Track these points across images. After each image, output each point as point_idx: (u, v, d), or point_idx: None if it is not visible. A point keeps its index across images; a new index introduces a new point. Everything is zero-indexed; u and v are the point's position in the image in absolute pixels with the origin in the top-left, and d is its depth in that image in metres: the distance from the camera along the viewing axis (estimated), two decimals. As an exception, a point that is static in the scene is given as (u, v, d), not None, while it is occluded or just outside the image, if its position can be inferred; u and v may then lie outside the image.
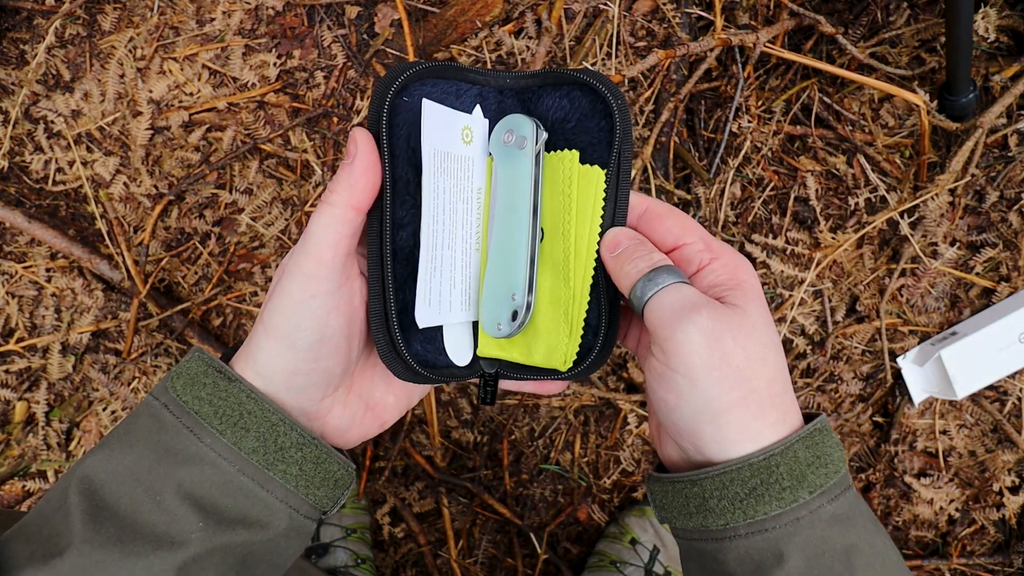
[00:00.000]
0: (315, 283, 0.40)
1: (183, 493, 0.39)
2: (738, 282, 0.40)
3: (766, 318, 0.39)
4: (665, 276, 0.40)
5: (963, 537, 0.97)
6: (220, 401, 0.40)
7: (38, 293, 0.98)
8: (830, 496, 0.36)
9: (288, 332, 0.40)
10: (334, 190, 0.41)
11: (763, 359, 0.38)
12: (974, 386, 0.90)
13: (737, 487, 0.36)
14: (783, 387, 0.39)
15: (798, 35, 0.94)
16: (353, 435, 0.46)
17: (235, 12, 0.97)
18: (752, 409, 0.37)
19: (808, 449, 0.37)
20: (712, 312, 0.38)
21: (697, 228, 0.42)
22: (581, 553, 1.00)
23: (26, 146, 0.98)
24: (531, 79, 0.45)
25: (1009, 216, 0.92)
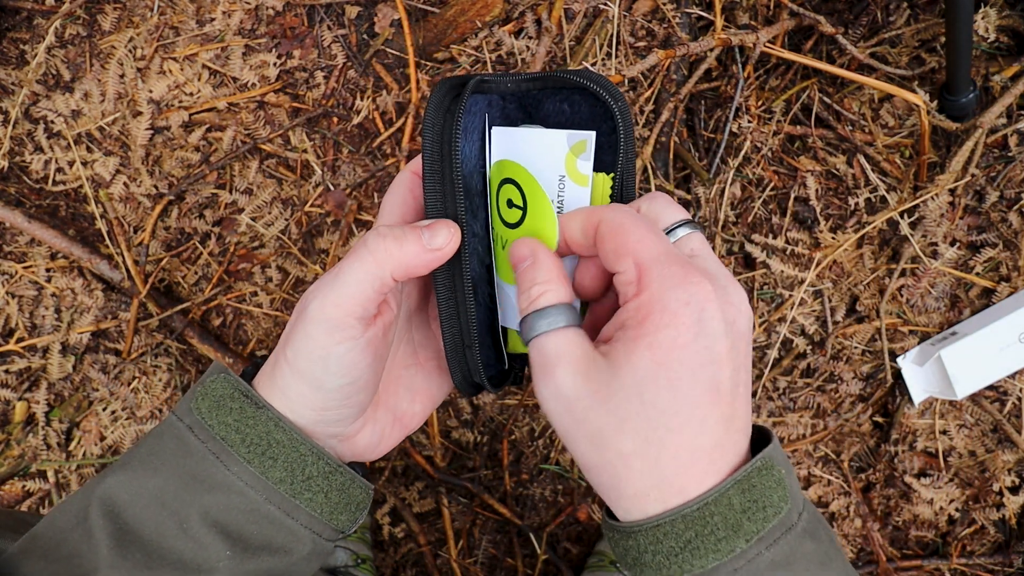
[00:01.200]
0: (342, 332, 0.38)
1: (209, 520, 0.38)
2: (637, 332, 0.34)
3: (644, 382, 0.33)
4: (541, 319, 0.36)
5: (963, 537, 0.97)
6: (247, 428, 0.39)
7: (38, 293, 0.98)
8: (768, 542, 0.34)
9: (316, 376, 0.39)
10: (389, 250, 0.38)
11: (618, 430, 0.34)
12: (974, 386, 0.90)
13: (671, 541, 0.34)
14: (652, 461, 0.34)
15: (798, 35, 0.94)
16: (383, 447, 0.46)
17: (235, 12, 0.97)
18: (607, 478, 0.35)
19: (744, 494, 0.34)
20: (571, 372, 0.35)
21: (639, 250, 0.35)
22: (581, 553, 1.00)
23: (26, 146, 0.98)
24: (531, 83, 0.44)
25: (1009, 216, 0.92)
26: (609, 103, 0.42)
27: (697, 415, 0.34)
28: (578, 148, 0.41)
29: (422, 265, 0.39)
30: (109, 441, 0.98)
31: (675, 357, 0.33)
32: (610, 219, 0.37)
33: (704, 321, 0.34)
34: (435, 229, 0.39)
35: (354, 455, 0.45)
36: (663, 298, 0.34)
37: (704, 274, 0.35)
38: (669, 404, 0.34)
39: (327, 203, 0.98)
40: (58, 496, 0.97)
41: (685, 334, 0.34)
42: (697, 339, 0.34)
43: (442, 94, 0.41)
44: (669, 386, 0.33)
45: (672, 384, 0.33)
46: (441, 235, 0.39)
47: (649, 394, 0.33)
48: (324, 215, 0.98)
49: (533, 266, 0.38)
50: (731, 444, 0.35)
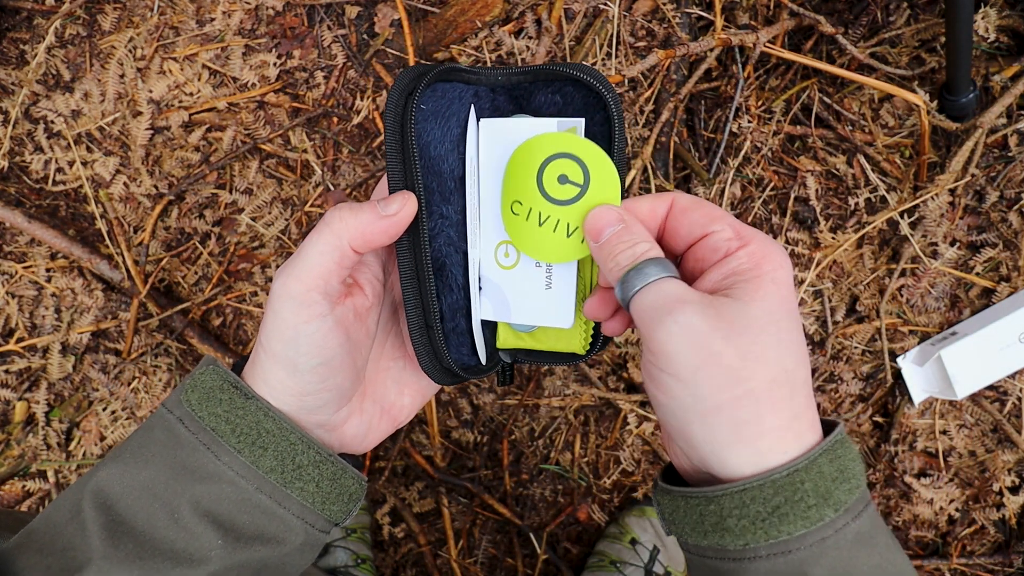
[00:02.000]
0: (306, 308, 0.39)
1: (201, 510, 0.39)
2: (758, 272, 0.36)
3: (777, 313, 0.35)
4: (649, 271, 0.37)
5: (963, 537, 0.97)
6: (237, 419, 0.39)
7: (38, 293, 0.98)
8: (854, 513, 0.34)
9: (289, 357, 0.39)
10: (344, 220, 0.39)
11: (761, 358, 0.34)
12: (974, 386, 0.90)
13: (759, 505, 0.34)
14: (790, 390, 0.35)
15: (798, 35, 0.94)
16: (371, 439, 0.46)
17: (235, 12, 0.97)
18: (745, 412, 0.34)
19: (832, 463, 0.34)
20: (699, 308, 0.35)
21: (727, 216, 0.39)
22: (581, 553, 1.00)
23: (26, 146, 0.98)
24: (522, 75, 0.45)
25: (1009, 216, 0.92)
26: (602, 92, 0.42)
27: (806, 354, 0.37)
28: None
29: (378, 232, 0.40)
30: (109, 441, 0.98)
31: (791, 293, 0.37)
32: (685, 196, 0.41)
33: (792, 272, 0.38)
34: (389, 199, 0.41)
35: (343, 446, 0.45)
36: (770, 245, 0.38)
37: None
38: (796, 335, 0.36)
39: (327, 203, 0.98)
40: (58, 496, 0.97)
41: (789, 279, 0.37)
42: (791, 288, 0.37)
43: (408, 79, 0.42)
44: (793, 319, 0.36)
45: (793, 317, 0.36)
46: (395, 203, 0.40)
47: (784, 323, 0.36)
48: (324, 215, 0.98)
49: (628, 228, 0.39)
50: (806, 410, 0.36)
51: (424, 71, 0.42)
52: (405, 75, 0.42)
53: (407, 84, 0.42)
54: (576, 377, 0.97)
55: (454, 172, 0.45)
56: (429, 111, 0.43)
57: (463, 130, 0.45)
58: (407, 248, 0.43)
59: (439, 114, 0.43)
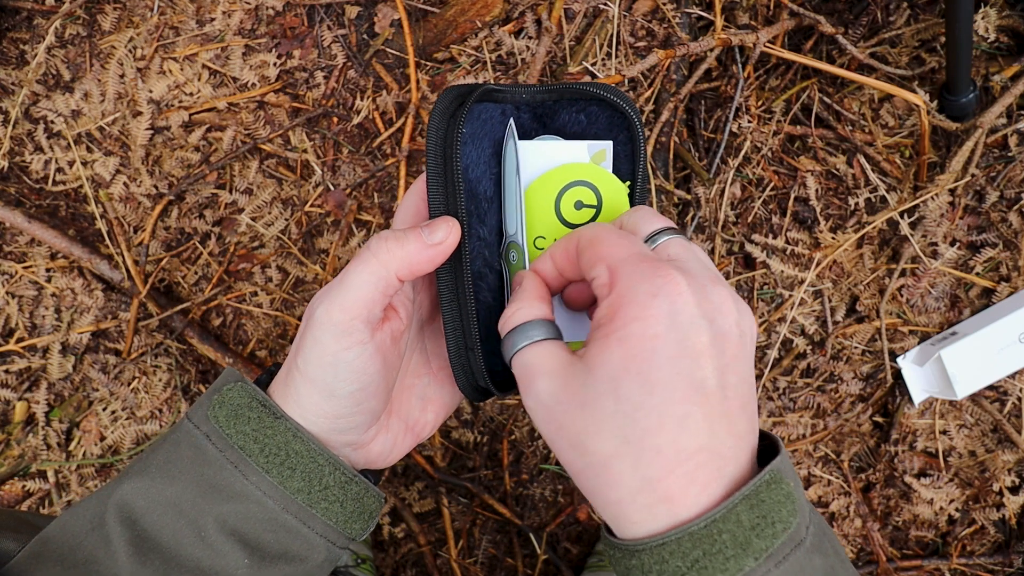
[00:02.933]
0: (348, 336, 0.39)
1: (227, 529, 0.39)
2: (608, 329, 0.34)
3: (618, 379, 0.33)
4: (522, 335, 0.37)
5: (963, 537, 0.97)
6: (266, 438, 0.39)
7: (38, 293, 0.98)
8: (777, 559, 0.33)
9: (327, 383, 0.39)
10: (391, 251, 0.39)
11: (597, 433, 0.33)
12: (974, 386, 0.90)
13: (678, 560, 0.33)
14: (632, 463, 0.33)
15: (798, 35, 0.94)
16: (395, 455, 0.47)
17: (235, 12, 0.97)
18: (591, 484, 0.34)
19: (752, 509, 0.33)
20: (548, 381, 0.35)
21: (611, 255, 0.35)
22: (581, 553, 1.00)
23: (26, 146, 0.98)
24: (547, 94, 0.45)
25: (1009, 216, 0.92)
26: (627, 112, 0.43)
27: (676, 412, 0.33)
28: (598, 158, 0.43)
29: (425, 261, 0.40)
30: (109, 441, 0.98)
31: (646, 348, 0.32)
32: (586, 234, 0.38)
33: (676, 313, 0.33)
34: (434, 226, 0.40)
35: (367, 462, 0.45)
36: (631, 291, 0.34)
37: (678, 269, 0.34)
38: (643, 399, 0.32)
39: (327, 203, 0.98)
40: (58, 496, 0.97)
41: (655, 326, 0.33)
42: (669, 331, 0.33)
43: (448, 101, 0.42)
44: (641, 380, 0.32)
45: (644, 378, 0.32)
46: (440, 230, 0.40)
47: (623, 390, 0.33)
48: (324, 215, 0.98)
49: (515, 291, 0.40)
50: (725, 450, 0.34)
51: (465, 92, 0.42)
52: (446, 97, 0.42)
53: (448, 106, 0.42)
54: (576, 377, 0.97)
55: (487, 193, 0.45)
56: (468, 134, 0.43)
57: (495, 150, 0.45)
58: (448, 272, 0.43)
59: (475, 136, 0.44)
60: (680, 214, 0.96)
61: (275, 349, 0.99)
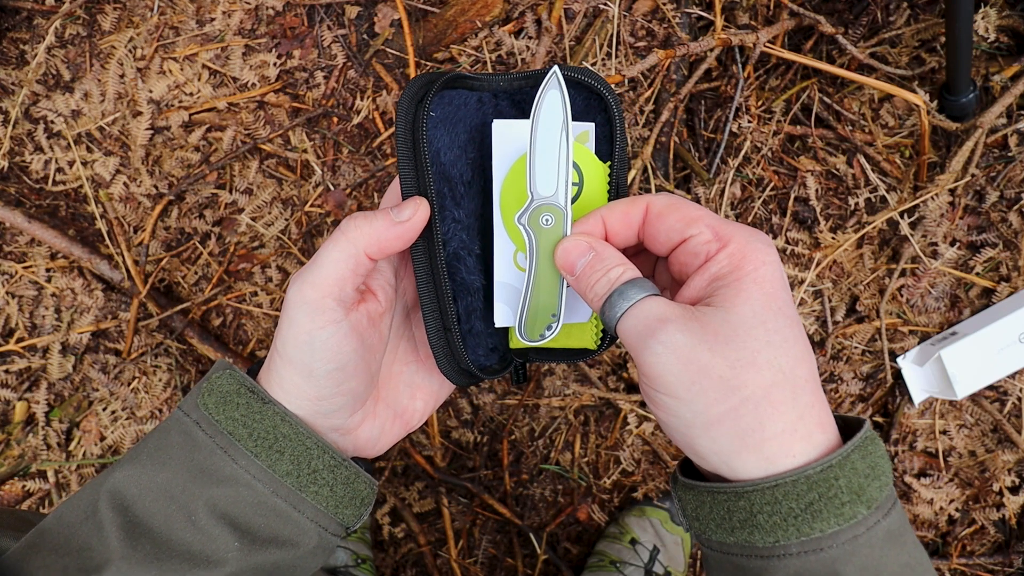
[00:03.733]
0: (322, 315, 0.39)
1: (217, 513, 0.39)
2: (738, 275, 0.36)
3: (763, 314, 0.35)
4: (628, 294, 0.37)
5: (963, 537, 0.97)
6: (254, 423, 0.40)
7: (38, 293, 0.98)
8: (884, 510, 0.34)
9: (305, 363, 0.40)
10: (360, 227, 0.40)
11: (752, 364, 0.34)
12: (974, 386, 0.90)
13: (792, 502, 0.33)
14: (791, 391, 0.34)
15: (798, 35, 0.94)
16: (383, 443, 0.47)
17: (235, 12, 0.97)
18: (746, 420, 0.34)
19: (864, 459, 0.34)
20: (681, 324, 0.35)
21: (704, 217, 0.38)
22: (581, 553, 1.00)
23: (26, 146, 0.98)
24: (524, 80, 0.45)
25: (1009, 216, 0.92)
26: (603, 94, 0.43)
27: (807, 348, 0.36)
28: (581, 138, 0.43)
29: (393, 238, 0.40)
30: (109, 441, 0.98)
31: (779, 288, 0.36)
32: (660, 199, 0.40)
33: (781, 264, 0.37)
34: (402, 205, 0.41)
35: (356, 450, 0.45)
36: (751, 242, 0.36)
37: None
38: (789, 332, 0.35)
39: (327, 203, 0.98)
40: (58, 496, 0.97)
41: (778, 271, 0.36)
42: (783, 278, 0.36)
43: (416, 87, 0.43)
44: (783, 316, 0.35)
45: (784, 313, 0.35)
46: (408, 209, 0.41)
47: (771, 323, 0.35)
48: (324, 215, 0.98)
49: (599, 256, 0.40)
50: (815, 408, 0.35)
51: (432, 79, 0.43)
52: (414, 83, 0.43)
53: (416, 91, 0.43)
54: (576, 377, 0.97)
55: (463, 176, 0.45)
56: (438, 118, 0.44)
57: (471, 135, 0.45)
58: (422, 252, 0.43)
59: (447, 120, 0.44)
60: (680, 214, 0.96)
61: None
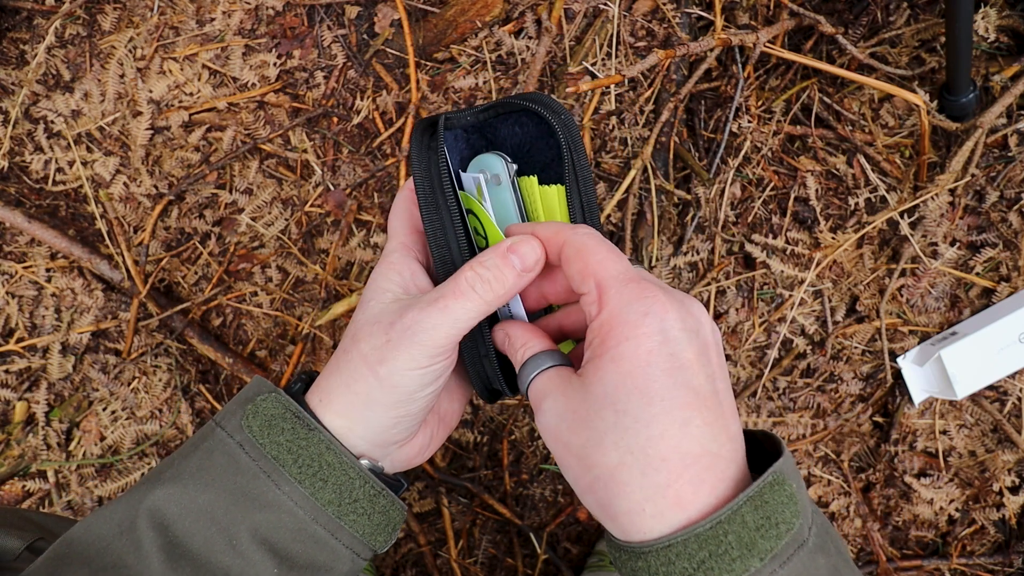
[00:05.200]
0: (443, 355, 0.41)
1: (258, 538, 0.39)
2: (601, 349, 0.35)
3: (616, 394, 0.34)
4: (528, 368, 0.40)
5: (963, 537, 0.97)
6: (300, 449, 0.40)
7: (38, 293, 0.98)
8: (781, 560, 0.33)
9: (410, 391, 0.41)
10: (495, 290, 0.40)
11: (600, 445, 0.34)
12: (974, 386, 0.90)
13: (684, 562, 0.33)
14: (640, 471, 0.34)
15: (798, 35, 0.94)
16: (432, 447, 0.49)
17: (235, 12, 0.97)
18: (600, 495, 0.35)
19: (757, 510, 0.34)
20: (552, 402, 0.37)
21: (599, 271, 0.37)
22: (581, 553, 1.00)
23: (26, 146, 0.98)
24: (485, 112, 0.46)
25: (1009, 216, 0.92)
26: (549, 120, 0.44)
27: (677, 419, 0.34)
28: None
29: (520, 287, 0.41)
30: (109, 441, 0.98)
31: (641, 364, 0.34)
32: (573, 240, 0.38)
33: (666, 330, 0.35)
34: (520, 250, 0.40)
35: (408, 459, 0.47)
36: (622, 312, 0.35)
37: (660, 288, 0.36)
38: (643, 410, 0.34)
39: (327, 203, 0.98)
40: (58, 496, 0.97)
41: (647, 343, 0.34)
42: (661, 347, 0.34)
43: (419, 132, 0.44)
44: (639, 393, 0.34)
45: (642, 391, 0.34)
46: (530, 256, 0.40)
47: (621, 404, 0.34)
48: (324, 215, 0.98)
49: (509, 338, 0.42)
50: (725, 452, 0.35)
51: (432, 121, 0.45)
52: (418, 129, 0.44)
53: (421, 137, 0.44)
54: (576, 377, 0.97)
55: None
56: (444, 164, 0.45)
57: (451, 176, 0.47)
58: None
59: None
60: (680, 214, 0.96)
61: (275, 349, 0.99)
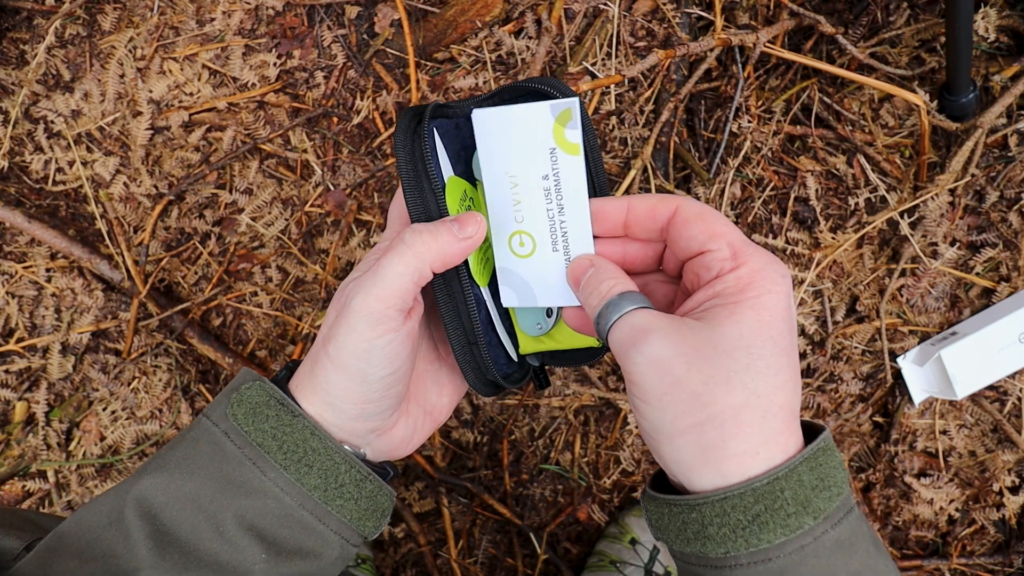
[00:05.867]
0: (384, 324, 0.40)
1: (245, 524, 0.39)
2: (739, 297, 0.37)
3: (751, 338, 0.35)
4: (618, 306, 0.39)
5: (963, 537, 0.97)
6: (284, 436, 0.41)
7: (38, 293, 0.98)
8: (833, 521, 0.35)
9: (360, 369, 0.41)
10: (426, 243, 0.41)
11: (726, 383, 0.35)
12: (974, 386, 0.90)
13: (739, 514, 0.34)
14: (761, 414, 0.35)
15: (798, 35, 0.94)
16: (416, 441, 0.48)
17: (235, 12, 0.97)
18: (710, 436, 0.35)
19: (812, 471, 0.35)
20: (662, 335, 0.36)
21: (727, 234, 0.39)
22: (581, 553, 1.00)
23: (26, 146, 0.98)
24: (492, 99, 0.47)
25: (1009, 216, 0.92)
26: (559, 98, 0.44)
27: (793, 374, 0.36)
28: (563, 117, 0.42)
29: (456, 253, 0.42)
30: (109, 441, 0.98)
31: (777, 318, 0.36)
32: (691, 205, 0.40)
33: (790, 295, 0.38)
34: (463, 220, 0.43)
35: (390, 450, 0.46)
36: (764, 269, 0.38)
37: None
38: (774, 360, 0.36)
39: (327, 203, 0.98)
40: (58, 496, 0.97)
41: (782, 301, 0.37)
42: (788, 308, 0.37)
43: (408, 120, 0.44)
44: (773, 344, 0.36)
45: (776, 342, 0.36)
46: (470, 225, 0.42)
47: (756, 348, 0.35)
48: (324, 215, 0.98)
49: (597, 270, 0.42)
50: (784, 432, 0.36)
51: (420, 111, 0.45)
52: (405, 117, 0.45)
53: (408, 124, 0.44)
54: (576, 377, 0.97)
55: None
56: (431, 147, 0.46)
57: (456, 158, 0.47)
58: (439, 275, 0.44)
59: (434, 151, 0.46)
60: (680, 214, 0.96)
61: (275, 349, 0.99)
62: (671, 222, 0.41)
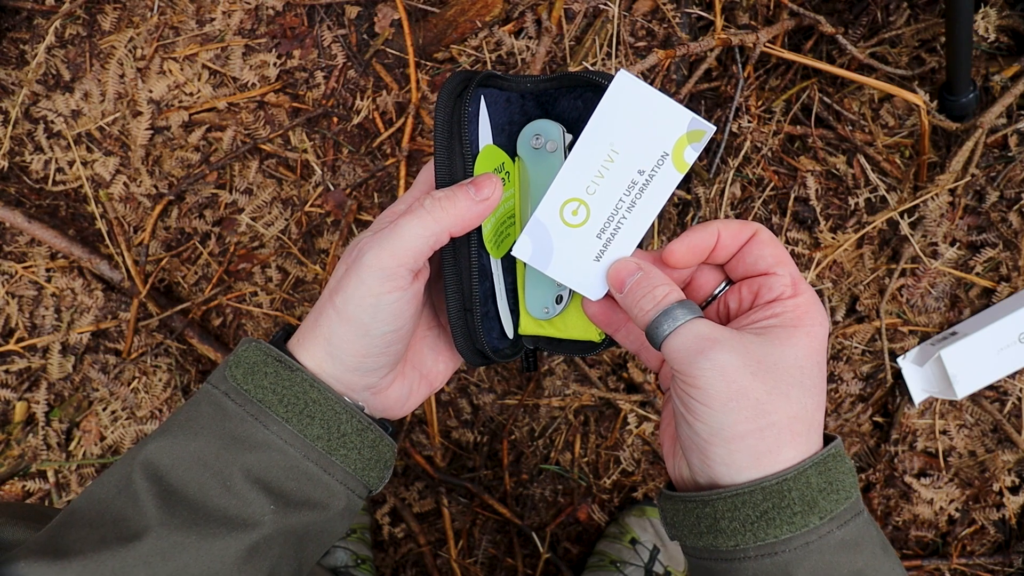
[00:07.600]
0: (394, 281, 0.41)
1: (252, 478, 0.40)
2: (798, 324, 0.40)
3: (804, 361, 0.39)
4: (675, 315, 0.40)
5: (963, 537, 0.97)
6: (284, 390, 0.42)
7: (38, 293, 0.98)
8: (840, 522, 0.37)
9: (364, 322, 0.42)
10: (446, 208, 0.42)
11: (785, 395, 0.38)
12: (974, 386, 0.90)
13: (748, 509, 0.37)
14: (807, 427, 0.39)
15: (798, 35, 0.94)
16: (411, 403, 0.49)
17: (235, 12, 0.97)
18: (768, 441, 0.38)
19: (821, 475, 0.38)
20: (729, 346, 0.38)
21: (791, 264, 0.43)
22: (581, 553, 1.00)
23: (26, 146, 0.98)
24: (548, 83, 0.47)
25: (1009, 216, 0.92)
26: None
27: (824, 398, 0.41)
28: (694, 135, 0.43)
29: (474, 217, 0.43)
30: (109, 441, 0.98)
31: (822, 348, 0.41)
32: (767, 231, 0.44)
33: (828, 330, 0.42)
34: (479, 182, 0.43)
35: (385, 409, 0.48)
36: (815, 304, 0.42)
37: None
38: (818, 381, 0.40)
39: (327, 203, 0.98)
40: (58, 496, 0.97)
41: (824, 334, 0.41)
42: (825, 340, 0.41)
43: (455, 83, 0.45)
44: (818, 368, 0.40)
45: (820, 367, 0.40)
46: (486, 187, 0.43)
47: (807, 369, 0.39)
48: (324, 215, 0.98)
49: (646, 275, 0.43)
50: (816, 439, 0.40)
51: (470, 76, 0.45)
52: (453, 79, 0.45)
53: (455, 87, 0.45)
54: (576, 377, 0.97)
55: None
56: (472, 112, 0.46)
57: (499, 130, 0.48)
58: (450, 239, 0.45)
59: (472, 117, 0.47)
60: (680, 214, 0.96)
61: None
62: (749, 242, 0.43)
